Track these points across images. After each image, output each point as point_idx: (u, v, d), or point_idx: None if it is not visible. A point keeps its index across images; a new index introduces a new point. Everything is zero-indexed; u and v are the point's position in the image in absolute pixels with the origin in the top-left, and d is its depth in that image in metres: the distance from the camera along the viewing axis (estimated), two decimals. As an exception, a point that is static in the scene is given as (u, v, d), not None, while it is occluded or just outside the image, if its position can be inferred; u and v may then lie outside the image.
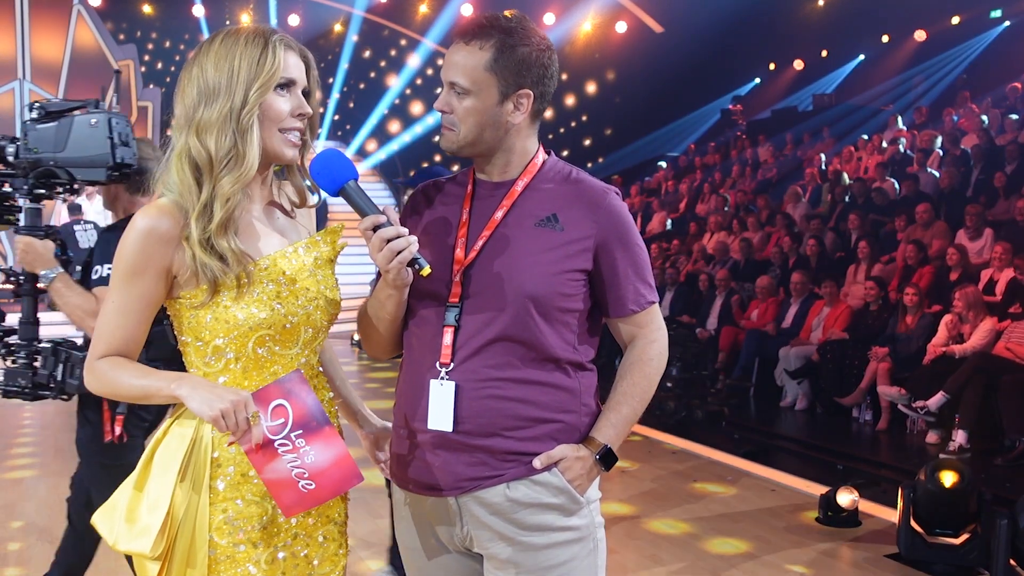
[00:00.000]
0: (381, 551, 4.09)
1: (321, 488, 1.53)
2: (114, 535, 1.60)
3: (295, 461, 1.52)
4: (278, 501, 1.54)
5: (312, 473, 1.53)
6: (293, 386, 1.54)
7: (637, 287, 1.77)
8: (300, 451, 1.53)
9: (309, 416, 1.54)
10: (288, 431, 1.53)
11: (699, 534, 4.50)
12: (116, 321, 1.61)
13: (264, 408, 1.53)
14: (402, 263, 1.62)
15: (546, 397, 1.72)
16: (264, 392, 1.54)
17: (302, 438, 1.53)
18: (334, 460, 1.54)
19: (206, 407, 1.49)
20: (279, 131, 1.64)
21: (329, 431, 1.55)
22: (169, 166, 1.63)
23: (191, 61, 1.64)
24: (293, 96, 1.65)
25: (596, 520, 1.78)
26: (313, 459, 1.53)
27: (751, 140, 14.79)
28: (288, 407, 1.53)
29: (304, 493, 1.53)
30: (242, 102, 1.59)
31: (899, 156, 11.17)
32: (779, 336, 7.93)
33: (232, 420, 1.49)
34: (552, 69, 1.76)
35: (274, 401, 1.53)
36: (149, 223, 1.58)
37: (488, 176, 1.80)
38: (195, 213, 1.58)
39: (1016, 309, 6.40)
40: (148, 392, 1.57)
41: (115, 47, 15.50)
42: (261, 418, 1.52)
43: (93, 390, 1.64)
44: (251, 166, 1.60)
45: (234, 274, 1.58)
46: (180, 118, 1.63)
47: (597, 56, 17.36)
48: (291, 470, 1.52)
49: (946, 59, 14.31)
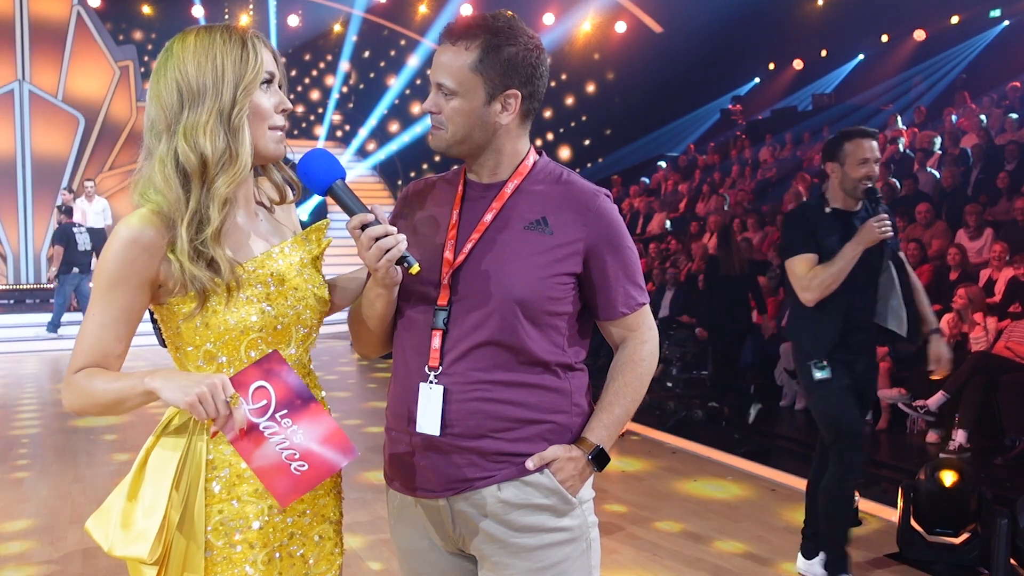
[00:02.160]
0: (381, 551, 4.09)
1: (314, 468, 1.47)
2: (109, 541, 1.58)
3: (283, 443, 1.47)
4: (272, 490, 1.48)
5: (303, 453, 1.47)
6: (272, 366, 1.50)
7: (627, 289, 1.77)
8: (287, 431, 1.47)
9: (293, 395, 1.49)
10: (272, 412, 1.48)
11: (699, 534, 4.50)
12: (97, 334, 1.57)
13: (244, 392, 1.48)
14: (391, 261, 1.61)
15: (536, 398, 1.71)
16: (242, 375, 1.49)
17: (287, 417, 1.48)
18: (325, 436, 1.49)
19: (181, 394, 1.44)
20: (268, 129, 1.63)
21: (315, 407, 1.50)
22: (151, 173, 1.58)
23: (164, 63, 1.60)
24: (274, 92, 1.64)
25: (589, 520, 1.77)
26: (302, 438, 1.48)
27: (751, 140, 14.78)
28: (269, 388, 1.48)
29: (298, 476, 1.46)
30: (231, 102, 1.56)
31: (899, 156, 11.17)
32: (780, 335, 7.92)
33: (211, 404, 1.43)
34: (541, 69, 1.74)
35: (254, 383, 1.48)
36: (131, 234, 1.54)
37: (478, 177, 1.79)
38: (185, 221, 1.54)
39: (1016, 308, 6.40)
40: (122, 394, 1.52)
41: (115, 48, 15.50)
42: (242, 401, 1.47)
43: (72, 407, 1.58)
44: (245, 166, 1.58)
45: (225, 283, 1.55)
46: (159, 122, 1.58)
47: (597, 56, 17.36)
48: (280, 453, 1.46)
49: (946, 59, 14.31)
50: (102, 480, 5.47)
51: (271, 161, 1.69)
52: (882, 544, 4.33)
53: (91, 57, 15.15)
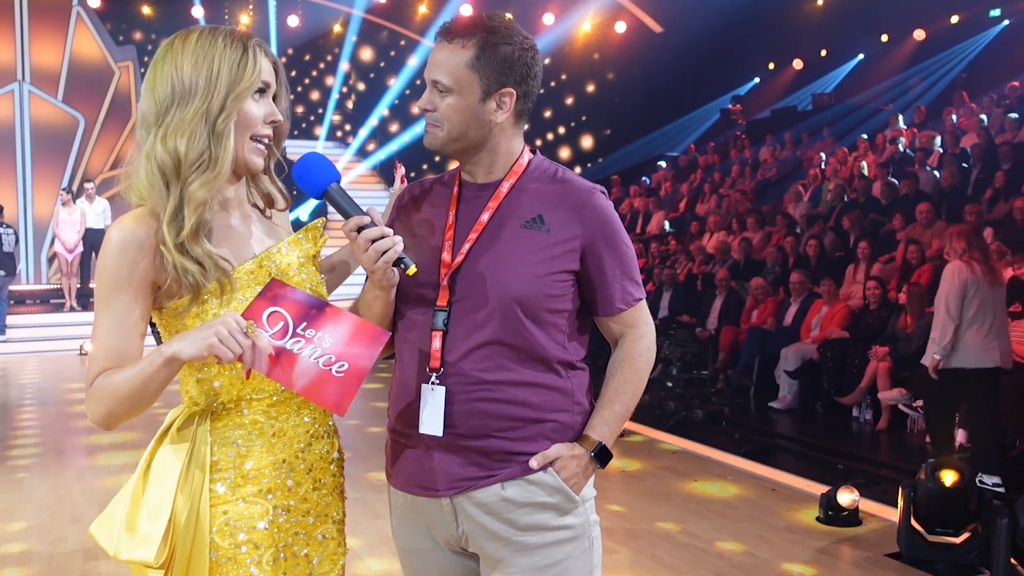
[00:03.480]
0: (381, 551, 4.09)
1: (354, 365, 1.48)
2: (114, 545, 1.57)
3: (315, 352, 1.48)
4: (326, 404, 1.48)
5: (339, 354, 1.48)
6: (275, 291, 1.51)
7: (624, 285, 1.78)
8: (315, 340, 1.49)
9: (306, 307, 1.51)
10: (294, 328, 1.49)
11: (699, 534, 4.50)
12: (110, 340, 1.55)
13: (259, 321, 1.49)
14: (388, 263, 1.62)
15: (538, 397, 1.72)
16: (251, 309, 1.50)
17: (310, 327, 1.50)
18: (352, 332, 1.51)
19: (200, 343, 1.44)
20: (250, 139, 1.62)
21: (332, 310, 1.52)
22: (138, 168, 1.58)
23: (163, 57, 1.59)
24: (265, 102, 1.63)
25: (591, 518, 1.78)
26: (331, 341, 1.49)
27: (751, 140, 14.78)
28: (282, 310, 1.50)
29: (342, 378, 1.47)
30: (220, 107, 1.56)
31: (899, 155, 11.17)
32: (779, 335, 7.93)
33: (232, 341, 1.43)
34: (536, 69, 1.75)
35: (265, 311, 1.49)
36: (125, 235, 1.54)
37: (473, 177, 1.80)
38: (166, 218, 1.53)
39: (1016, 309, 6.39)
40: (143, 375, 1.50)
41: (114, 48, 15.51)
42: (259, 330, 1.48)
43: (98, 417, 1.54)
44: (222, 171, 1.57)
45: (214, 279, 1.55)
46: (149, 116, 1.58)
47: (596, 56, 17.34)
48: (317, 363, 1.47)
49: (945, 58, 14.31)
50: (102, 480, 5.47)
51: (248, 172, 1.68)
52: (882, 544, 4.33)
53: (91, 57, 15.15)
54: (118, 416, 1.54)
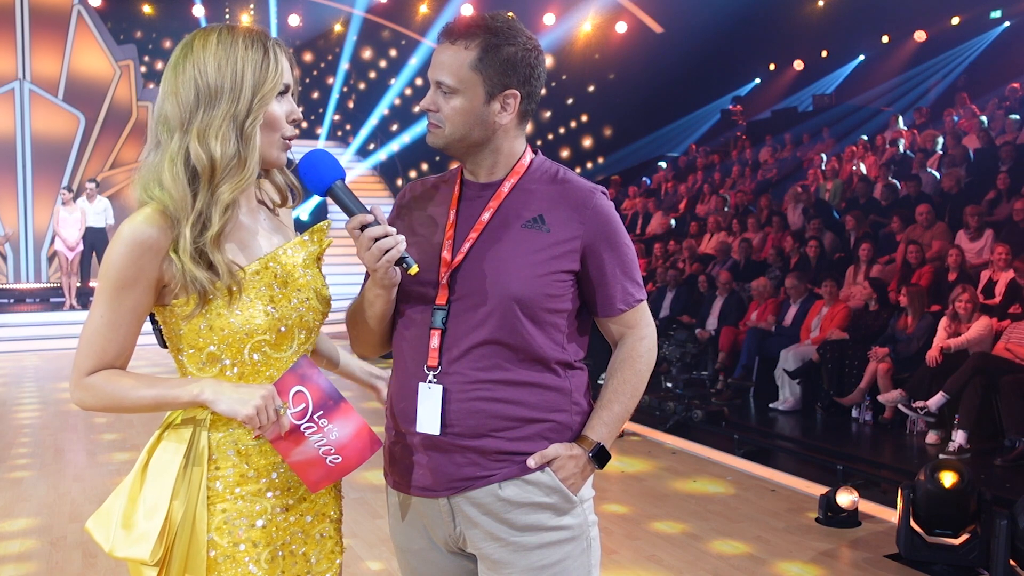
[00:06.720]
0: (380, 551, 4.09)
1: (348, 459, 1.60)
2: (111, 541, 1.57)
3: (321, 441, 1.59)
4: (305, 479, 1.60)
5: (338, 448, 1.60)
6: (306, 371, 1.59)
7: (625, 286, 1.77)
8: (324, 430, 1.59)
9: (326, 396, 1.59)
10: (311, 414, 1.58)
11: (699, 534, 4.50)
12: (107, 335, 1.57)
13: (286, 398, 1.57)
14: (390, 262, 1.62)
15: (536, 397, 1.71)
16: (282, 382, 1.58)
17: (324, 418, 1.59)
18: (355, 432, 1.60)
19: (239, 406, 1.51)
20: (280, 138, 1.64)
21: (345, 406, 1.60)
22: (159, 169, 1.57)
23: (183, 58, 1.59)
24: (287, 101, 1.64)
25: (589, 519, 1.78)
26: (337, 435, 1.59)
27: (751, 140, 14.78)
28: (306, 392, 1.58)
29: (332, 467, 1.60)
30: (247, 109, 1.56)
31: (899, 156, 11.17)
32: (779, 335, 7.93)
33: (265, 416, 1.52)
34: (539, 70, 1.75)
35: (293, 388, 1.58)
36: (136, 234, 1.54)
37: (475, 177, 1.80)
38: (189, 221, 1.53)
39: (1016, 309, 6.40)
40: (162, 402, 1.55)
41: (115, 47, 15.49)
42: (286, 408, 1.57)
43: (86, 406, 1.59)
44: (252, 173, 1.59)
45: (224, 286, 1.55)
46: (173, 119, 1.58)
47: (597, 56, 17.34)
48: (318, 449, 1.59)
49: (946, 59, 14.32)
50: (102, 480, 5.47)
51: (273, 167, 1.70)
52: (882, 545, 4.33)
53: (91, 56, 15.15)
54: (109, 412, 1.60)
